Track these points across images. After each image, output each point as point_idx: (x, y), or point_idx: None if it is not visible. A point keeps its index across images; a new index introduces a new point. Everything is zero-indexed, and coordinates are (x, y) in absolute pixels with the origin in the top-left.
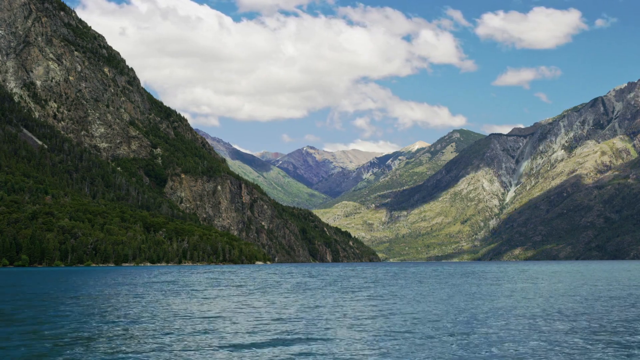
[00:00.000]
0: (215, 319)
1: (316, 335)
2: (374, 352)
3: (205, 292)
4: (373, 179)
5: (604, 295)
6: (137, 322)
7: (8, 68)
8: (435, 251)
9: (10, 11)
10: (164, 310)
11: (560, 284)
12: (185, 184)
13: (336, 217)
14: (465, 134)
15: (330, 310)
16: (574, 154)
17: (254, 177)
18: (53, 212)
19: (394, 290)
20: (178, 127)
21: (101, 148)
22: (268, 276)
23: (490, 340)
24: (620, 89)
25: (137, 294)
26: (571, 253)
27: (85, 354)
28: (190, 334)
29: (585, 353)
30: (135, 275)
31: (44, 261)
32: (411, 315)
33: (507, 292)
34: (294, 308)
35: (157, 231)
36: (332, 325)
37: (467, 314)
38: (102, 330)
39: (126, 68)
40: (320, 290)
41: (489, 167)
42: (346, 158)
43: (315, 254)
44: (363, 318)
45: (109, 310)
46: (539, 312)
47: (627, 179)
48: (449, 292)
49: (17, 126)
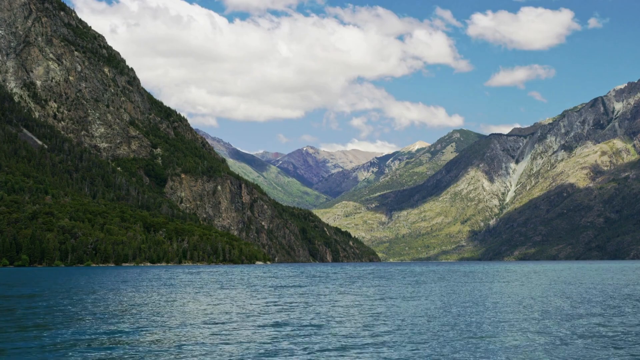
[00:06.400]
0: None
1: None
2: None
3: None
4: (373, 179)
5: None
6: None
7: (8, 68)
8: (435, 251)
9: (10, 11)
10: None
11: (525, 285)
12: (185, 184)
13: (336, 217)
14: (465, 134)
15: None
16: (574, 154)
17: (254, 177)
18: (53, 212)
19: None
20: (178, 127)
21: (101, 148)
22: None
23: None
24: (620, 89)
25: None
26: (571, 253)
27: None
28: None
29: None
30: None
31: (44, 261)
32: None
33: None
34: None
35: (157, 231)
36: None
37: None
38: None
39: (126, 68)
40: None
41: (489, 167)
42: (346, 158)
43: (316, 254)
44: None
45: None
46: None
47: (627, 179)
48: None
49: (17, 126)
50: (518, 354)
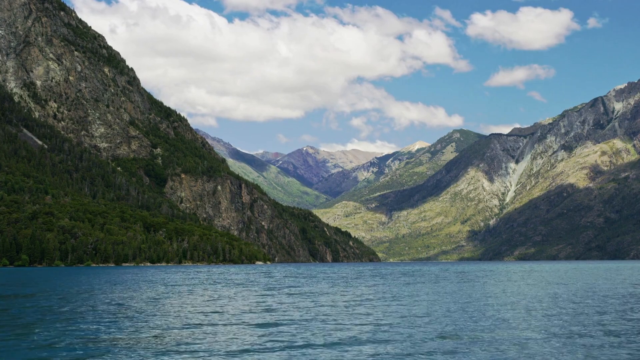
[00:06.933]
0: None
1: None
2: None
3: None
4: (373, 179)
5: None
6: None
7: (8, 68)
8: (435, 251)
9: (10, 11)
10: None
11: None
12: (185, 184)
13: (336, 217)
14: (465, 134)
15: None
16: (574, 154)
17: (254, 177)
18: (53, 212)
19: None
20: (178, 127)
21: (101, 148)
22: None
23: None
24: (620, 89)
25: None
26: (571, 253)
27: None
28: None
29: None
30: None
31: (44, 261)
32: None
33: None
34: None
35: (157, 231)
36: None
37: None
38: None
39: (126, 68)
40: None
41: (489, 167)
42: (346, 158)
43: (316, 254)
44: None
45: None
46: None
47: (627, 179)
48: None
49: (17, 126)
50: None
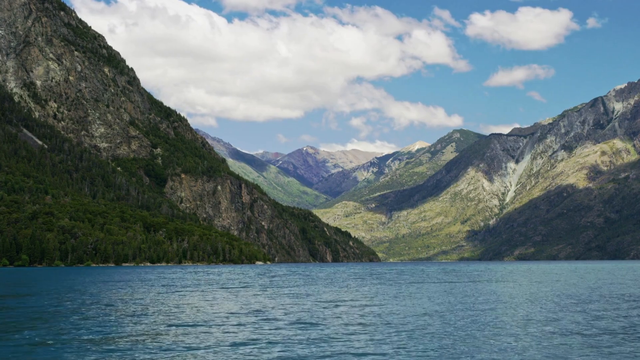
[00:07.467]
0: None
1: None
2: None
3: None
4: (373, 179)
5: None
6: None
7: (8, 68)
8: (435, 251)
9: (10, 11)
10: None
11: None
12: (185, 184)
13: (336, 217)
14: (465, 134)
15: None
16: (574, 154)
17: (254, 177)
18: (53, 212)
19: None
20: (178, 127)
21: (101, 148)
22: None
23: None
24: (620, 89)
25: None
26: (571, 253)
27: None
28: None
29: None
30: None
31: (44, 261)
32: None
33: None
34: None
35: (157, 231)
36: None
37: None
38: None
39: (126, 68)
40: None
41: (489, 167)
42: (346, 158)
43: (316, 254)
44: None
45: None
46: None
47: (627, 179)
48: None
49: (17, 126)
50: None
